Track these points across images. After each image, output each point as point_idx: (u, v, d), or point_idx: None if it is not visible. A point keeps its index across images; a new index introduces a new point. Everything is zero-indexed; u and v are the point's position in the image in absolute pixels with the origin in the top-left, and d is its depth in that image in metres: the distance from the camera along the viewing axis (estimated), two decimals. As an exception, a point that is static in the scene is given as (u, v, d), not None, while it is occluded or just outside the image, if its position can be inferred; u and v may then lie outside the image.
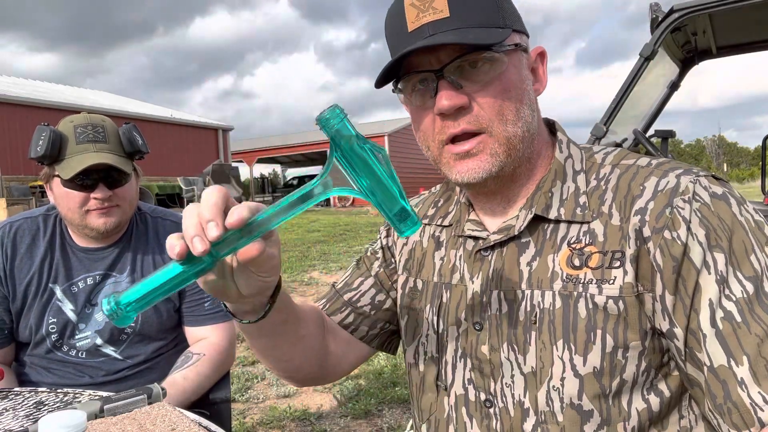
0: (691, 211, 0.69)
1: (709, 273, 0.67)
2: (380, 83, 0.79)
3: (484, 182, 0.78)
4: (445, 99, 0.74)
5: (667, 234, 0.70)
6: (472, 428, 0.82)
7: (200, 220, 0.56)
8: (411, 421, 0.95)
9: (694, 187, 0.71)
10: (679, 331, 0.69)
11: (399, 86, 0.80)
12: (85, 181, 1.38)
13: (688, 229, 0.69)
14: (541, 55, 0.83)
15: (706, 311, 0.67)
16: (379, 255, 1.02)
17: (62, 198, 1.41)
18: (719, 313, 0.66)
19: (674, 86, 3.78)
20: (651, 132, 3.69)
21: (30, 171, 14.50)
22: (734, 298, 0.66)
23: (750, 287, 0.66)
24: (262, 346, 0.83)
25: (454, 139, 0.77)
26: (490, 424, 0.80)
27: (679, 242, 0.69)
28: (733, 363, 0.65)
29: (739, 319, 0.65)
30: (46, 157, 1.37)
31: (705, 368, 0.67)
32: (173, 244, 0.56)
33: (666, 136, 3.54)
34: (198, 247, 0.55)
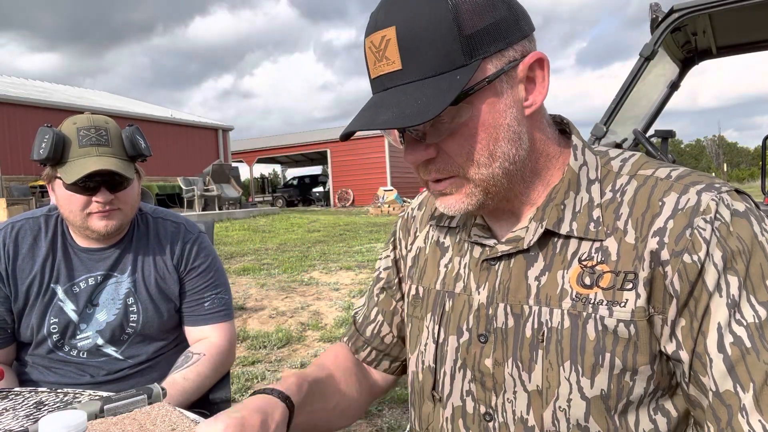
0: (712, 231, 0.66)
1: (721, 296, 0.65)
2: (346, 137, 0.76)
3: (468, 212, 0.78)
4: (409, 154, 0.73)
5: (686, 258, 0.66)
6: None
7: None
8: (409, 426, 0.95)
9: (716, 207, 0.67)
10: (684, 354, 0.68)
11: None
12: (87, 184, 1.38)
13: (707, 250, 0.66)
14: (539, 62, 0.72)
15: (714, 335, 0.65)
16: (382, 276, 1.04)
17: (64, 200, 1.41)
18: (728, 338, 0.64)
19: (674, 86, 3.78)
20: (651, 132, 3.69)
21: (30, 171, 14.50)
22: (745, 323, 0.64)
23: (763, 312, 0.64)
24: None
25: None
26: None
27: (697, 265, 0.66)
28: (739, 389, 0.63)
29: (748, 344, 0.63)
30: (49, 159, 1.37)
31: (710, 393, 0.66)
32: None
33: (666, 136, 3.54)
34: None
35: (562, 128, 0.83)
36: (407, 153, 0.73)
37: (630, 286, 0.70)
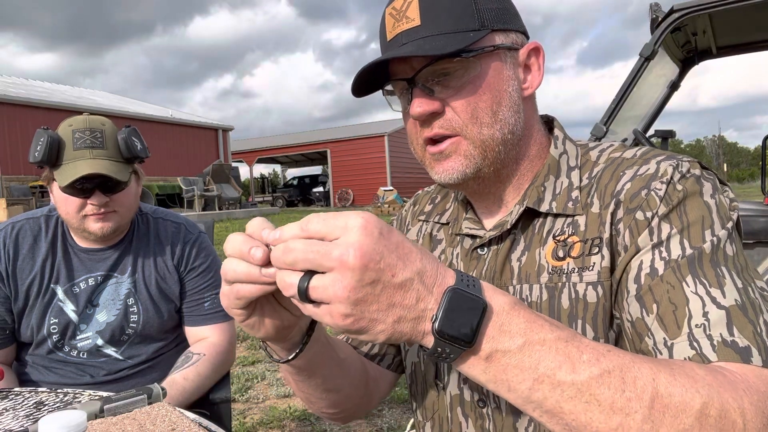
0: (666, 191, 0.70)
1: (652, 239, 0.68)
2: (359, 93, 0.80)
3: (463, 183, 0.79)
4: (417, 106, 0.76)
5: (639, 215, 0.70)
6: (467, 428, 0.82)
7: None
8: (411, 421, 0.94)
9: (673, 171, 0.71)
10: (617, 297, 0.71)
11: (387, 89, 0.82)
12: (83, 185, 1.37)
13: (658, 207, 0.69)
14: (535, 51, 0.81)
15: (635, 271, 0.69)
16: None
17: (61, 202, 1.42)
18: (645, 271, 0.67)
19: (674, 86, 3.77)
20: (651, 132, 3.69)
21: (30, 171, 14.50)
22: (666, 258, 0.66)
23: (690, 253, 0.66)
24: (313, 384, 0.80)
25: (434, 141, 0.79)
26: (484, 424, 0.80)
27: (647, 221, 0.69)
28: (644, 313, 0.66)
29: (661, 273, 0.66)
30: (44, 162, 1.38)
31: (627, 324, 0.69)
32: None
33: (666, 136, 3.54)
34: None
35: (550, 126, 0.88)
36: (415, 106, 0.76)
37: (596, 250, 0.73)
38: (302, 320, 0.69)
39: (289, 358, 0.71)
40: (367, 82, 0.79)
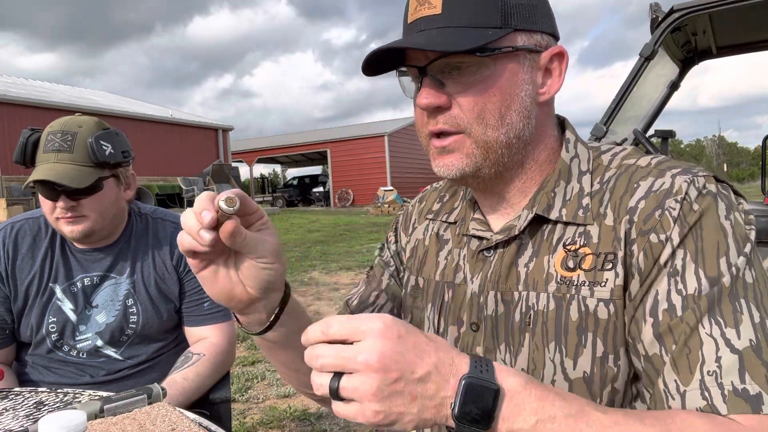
0: (680, 209, 0.68)
1: (666, 266, 0.68)
2: (371, 72, 0.79)
3: (462, 179, 0.79)
4: (423, 97, 0.75)
5: (653, 237, 0.69)
6: None
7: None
8: None
9: (687, 187, 0.69)
10: (631, 325, 0.71)
11: (401, 70, 0.81)
12: (48, 188, 1.36)
13: (672, 229, 0.68)
14: (559, 56, 0.78)
15: (650, 301, 0.68)
16: (392, 264, 1.01)
17: (41, 203, 1.43)
18: (662, 306, 0.67)
19: (674, 86, 3.77)
20: (651, 132, 3.69)
21: (30, 171, 14.48)
22: (684, 293, 0.66)
23: (706, 286, 0.65)
24: (284, 359, 0.83)
25: (438, 135, 0.78)
26: None
27: (662, 243, 0.68)
28: (663, 352, 0.66)
29: (680, 313, 0.65)
30: (20, 162, 1.39)
31: (641, 358, 0.68)
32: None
33: (666, 136, 3.54)
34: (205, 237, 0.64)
35: (562, 127, 0.86)
36: (422, 96, 0.75)
37: (610, 266, 0.72)
38: (268, 301, 0.73)
39: (254, 332, 0.77)
40: (379, 62, 0.78)
